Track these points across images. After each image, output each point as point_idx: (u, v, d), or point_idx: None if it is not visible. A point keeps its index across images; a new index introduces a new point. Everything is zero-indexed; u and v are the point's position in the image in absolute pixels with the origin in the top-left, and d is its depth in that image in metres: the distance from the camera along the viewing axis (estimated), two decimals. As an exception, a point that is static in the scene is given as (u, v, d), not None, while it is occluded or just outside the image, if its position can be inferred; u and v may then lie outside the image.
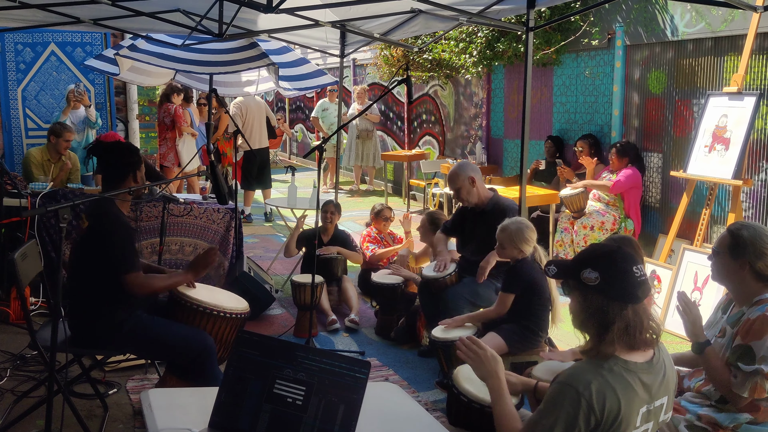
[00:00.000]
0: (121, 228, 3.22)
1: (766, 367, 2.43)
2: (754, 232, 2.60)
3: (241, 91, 8.02)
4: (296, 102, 16.09)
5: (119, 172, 3.32)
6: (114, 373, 4.21)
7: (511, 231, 3.82)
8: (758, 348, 2.45)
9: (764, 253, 2.56)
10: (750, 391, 2.46)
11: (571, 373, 2.04)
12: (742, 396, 2.49)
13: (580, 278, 2.07)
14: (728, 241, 2.63)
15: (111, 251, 3.12)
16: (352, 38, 6.57)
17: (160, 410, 2.10)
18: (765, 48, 5.45)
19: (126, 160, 3.34)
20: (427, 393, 4.18)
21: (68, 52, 7.99)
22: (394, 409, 2.31)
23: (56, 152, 6.16)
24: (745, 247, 2.57)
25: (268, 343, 2.02)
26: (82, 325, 3.25)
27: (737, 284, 2.62)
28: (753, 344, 2.47)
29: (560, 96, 7.81)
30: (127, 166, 3.34)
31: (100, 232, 2.60)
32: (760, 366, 2.43)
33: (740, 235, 2.60)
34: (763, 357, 2.44)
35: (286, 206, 6.74)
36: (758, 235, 2.59)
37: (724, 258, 2.63)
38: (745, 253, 2.57)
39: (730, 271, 2.61)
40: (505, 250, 3.84)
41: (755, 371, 2.44)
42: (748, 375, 2.47)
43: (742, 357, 2.49)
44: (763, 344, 2.44)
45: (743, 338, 2.51)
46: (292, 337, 5.03)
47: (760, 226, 2.67)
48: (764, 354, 2.44)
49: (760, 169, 5.56)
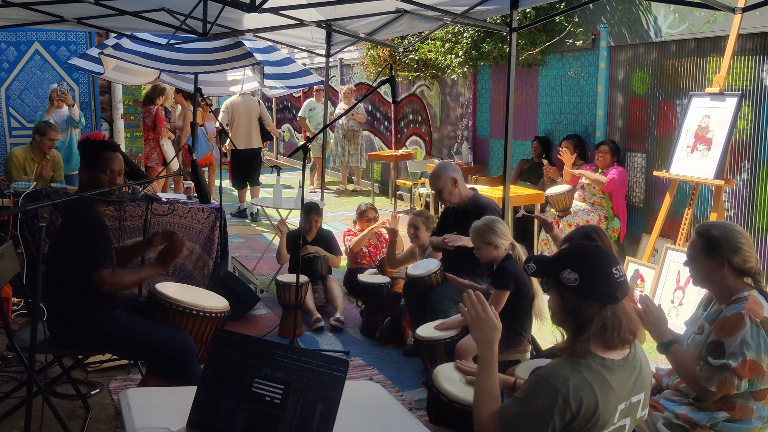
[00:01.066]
0: (91, 225, 3.19)
1: (734, 362, 2.45)
2: (724, 230, 2.63)
3: (226, 91, 8.00)
4: (283, 102, 16.06)
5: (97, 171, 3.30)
6: (97, 374, 4.18)
7: (479, 229, 3.82)
8: (729, 344, 2.48)
9: (739, 248, 2.60)
10: (718, 386, 2.48)
11: (550, 368, 2.05)
12: (710, 390, 2.51)
13: (559, 278, 2.08)
14: (701, 244, 2.65)
15: (81, 248, 3.10)
16: (338, 38, 6.58)
17: (139, 409, 2.09)
18: (747, 49, 5.50)
19: (83, 157, 3.32)
20: (411, 392, 4.18)
21: (52, 51, 7.94)
22: (375, 408, 2.32)
23: (40, 151, 6.13)
24: (719, 245, 2.60)
25: (246, 342, 2.01)
26: (61, 325, 3.23)
27: (718, 284, 2.64)
28: (725, 340, 2.50)
29: (545, 96, 7.85)
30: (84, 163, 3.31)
31: (72, 230, 2.58)
32: (728, 361, 2.46)
33: (712, 235, 2.62)
34: (732, 353, 2.46)
35: (272, 206, 6.73)
36: (729, 231, 2.63)
37: (701, 261, 2.65)
38: (721, 251, 2.59)
39: (710, 271, 2.63)
40: (481, 250, 3.82)
41: (722, 365, 2.47)
42: (715, 369, 2.49)
43: (712, 352, 2.52)
44: (735, 341, 2.47)
45: (716, 334, 2.54)
46: (277, 337, 5.03)
47: (727, 223, 2.71)
48: (734, 350, 2.46)
49: (742, 169, 5.62)
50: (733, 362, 2.45)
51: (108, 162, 3.29)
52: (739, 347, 2.46)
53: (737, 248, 2.59)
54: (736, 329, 2.48)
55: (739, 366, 2.45)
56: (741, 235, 2.63)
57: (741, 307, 2.53)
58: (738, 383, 2.47)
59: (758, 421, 2.56)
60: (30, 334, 2.59)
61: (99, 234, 3.22)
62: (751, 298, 2.56)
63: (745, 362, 2.44)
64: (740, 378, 2.46)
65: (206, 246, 5.62)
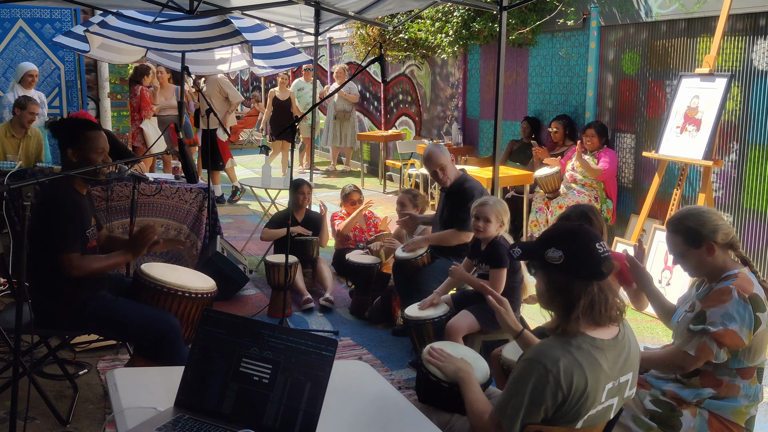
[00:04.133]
0: (62, 206, 3.14)
1: (713, 328, 2.48)
2: (693, 216, 2.65)
3: (214, 69, 7.93)
4: (272, 81, 15.93)
5: (60, 150, 3.26)
6: (84, 354, 4.17)
7: (495, 201, 3.85)
8: (711, 314, 2.51)
9: (716, 226, 2.62)
10: (697, 350, 2.51)
11: (539, 349, 2.06)
12: (688, 353, 2.53)
13: (544, 258, 2.08)
14: (681, 239, 2.66)
15: (50, 230, 3.06)
16: (327, 16, 6.51)
17: (126, 390, 2.08)
18: (737, 29, 5.49)
19: (61, 136, 3.26)
20: (400, 371, 4.20)
21: (37, 28, 7.82)
22: (364, 387, 2.32)
23: (21, 126, 6.00)
24: (699, 231, 2.61)
25: (233, 322, 2.00)
26: (45, 305, 3.20)
27: (711, 265, 2.66)
28: (708, 310, 2.53)
29: (535, 77, 7.82)
30: (62, 143, 3.25)
31: (44, 211, 2.54)
32: (707, 326, 2.49)
33: (688, 226, 2.64)
34: (713, 321, 2.50)
35: (260, 186, 6.69)
36: (699, 215, 2.65)
37: (690, 254, 2.66)
38: (703, 236, 2.61)
39: (702, 258, 2.64)
40: (490, 223, 3.78)
41: (702, 330, 2.50)
42: (694, 334, 2.52)
43: (693, 320, 2.56)
44: (718, 311, 2.50)
45: (701, 306, 2.58)
46: (266, 317, 5.02)
47: (690, 209, 2.72)
48: (714, 319, 2.49)
49: (730, 150, 5.63)
50: (712, 327, 2.49)
51: (97, 141, 3.26)
52: (720, 318, 2.49)
53: (715, 227, 2.61)
54: (721, 301, 2.52)
55: (718, 332, 2.47)
56: (710, 212, 2.67)
57: (730, 282, 2.55)
58: (717, 351, 2.49)
59: (744, 399, 2.59)
60: (15, 315, 2.57)
61: (69, 215, 3.15)
62: (741, 275, 2.58)
63: (726, 331, 2.47)
64: (719, 345, 2.49)
65: (194, 226, 5.59)
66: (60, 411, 3.40)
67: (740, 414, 2.59)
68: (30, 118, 6.00)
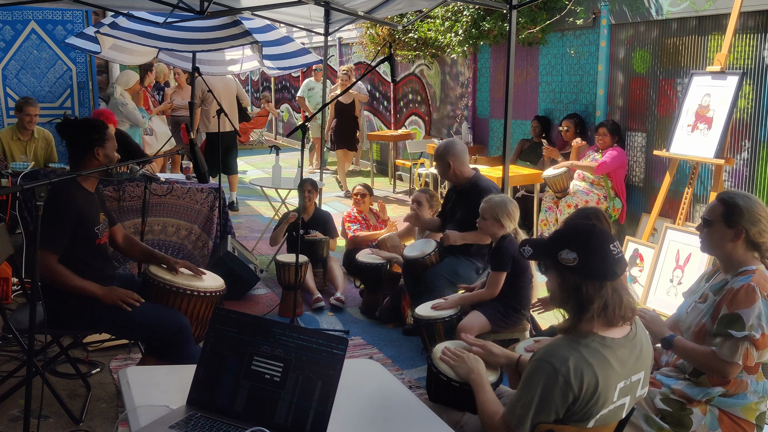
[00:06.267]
0: (59, 206, 3.12)
1: (757, 334, 2.47)
2: (748, 200, 2.64)
3: (225, 70, 7.94)
4: (282, 81, 15.97)
5: (81, 150, 3.28)
6: (97, 353, 4.20)
7: (495, 203, 3.80)
8: (747, 316, 2.49)
9: (759, 220, 2.60)
10: (743, 358, 2.49)
11: (548, 349, 2.05)
12: (734, 363, 2.50)
13: (557, 259, 2.06)
14: (722, 210, 2.64)
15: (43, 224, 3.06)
16: (337, 16, 6.52)
17: (138, 388, 2.10)
18: (748, 27, 5.45)
19: (87, 137, 3.27)
20: (410, 371, 4.20)
21: (49, 30, 7.87)
22: (375, 386, 2.33)
23: (24, 128, 6.01)
24: (741, 215, 2.60)
25: (244, 320, 2.01)
26: (56, 305, 3.22)
27: (729, 252, 2.64)
28: (742, 312, 2.50)
29: (546, 75, 7.80)
30: (88, 144, 3.27)
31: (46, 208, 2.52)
32: (751, 333, 2.47)
33: (735, 203, 2.62)
34: (752, 325, 2.48)
35: (271, 186, 6.71)
36: (752, 202, 2.63)
37: (718, 227, 2.65)
38: (741, 220, 2.60)
39: (724, 239, 2.63)
40: (486, 221, 3.79)
41: (745, 337, 2.48)
42: (738, 341, 2.49)
43: (731, 324, 2.51)
44: (752, 313, 2.48)
45: (729, 307, 2.54)
46: (277, 317, 5.04)
47: (751, 195, 2.71)
48: (753, 323, 2.48)
49: (742, 148, 5.59)
50: (756, 334, 2.47)
51: (114, 140, 3.34)
52: (757, 320, 2.48)
53: (757, 220, 2.60)
54: (751, 301, 2.49)
55: (760, 338, 2.47)
56: (762, 209, 2.64)
57: (749, 279, 2.53)
58: (755, 354, 2.49)
59: (753, 395, 2.58)
60: (29, 315, 2.59)
61: (62, 217, 3.14)
62: (759, 272, 2.57)
63: (764, 335, 2.47)
64: (758, 349, 2.48)
65: (205, 226, 5.61)
66: (73, 410, 3.43)
67: (750, 410, 2.58)
68: (29, 119, 5.99)
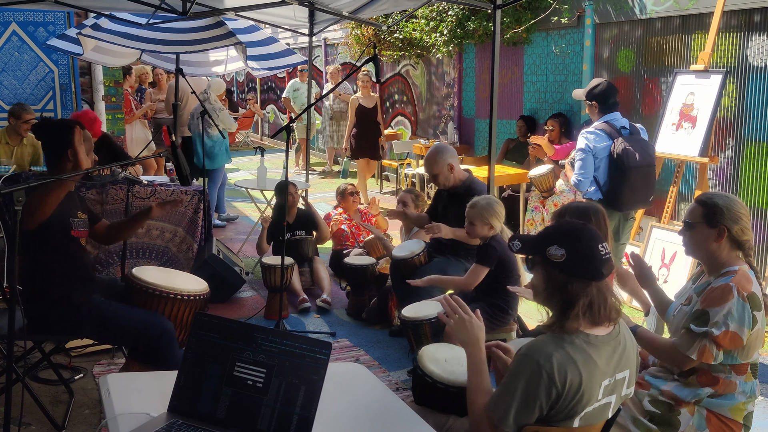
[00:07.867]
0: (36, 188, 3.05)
1: (717, 331, 2.46)
2: (727, 199, 2.64)
3: (209, 71, 7.88)
4: (267, 82, 15.91)
5: (53, 151, 3.21)
6: (80, 359, 4.15)
7: (481, 206, 3.81)
8: (714, 314, 2.49)
9: (740, 217, 2.61)
10: (698, 354, 2.50)
11: (532, 345, 2.04)
12: (689, 357, 2.52)
13: (545, 254, 2.06)
14: (702, 211, 2.64)
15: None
16: (321, 16, 6.49)
17: (119, 395, 2.06)
18: (732, 26, 5.48)
19: (58, 138, 3.19)
20: (397, 372, 4.19)
21: (30, 31, 7.77)
22: (359, 390, 2.30)
23: (16, 134, 5.97)
24: (722, 214, 2.60)
25: (226, 325, 1.98)
26: (37, 310, 3.17)
27: (712, 254, 2.64)
28: (710, 309, 2.51)
29: (531, 75, 7.81)
30: (59, 145, 3.19)
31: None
32: (710, 329, 2.47)
33: (715, 203, 2.62)
34: (716, 322, 2.47)
35: (256, 188, 6.67)
36: (731, 201, 2.64)
37: (700, 228, 2.65)
38: (723, 219, 2.60)
39: (708, 240, 2.63)
40: (475, 227, 3.81)
41: (704, 333, 2.48)
42: (696, 336, 2.50)
43: (696, 320, 2.53)
44: (720, 311, 2.48)
45: (702, 304, 2.55)
46: (263, 320, 5.01)
47: (729, 194, 2.72)
48: (718, 320, 2.47)
49: (726, 147, 5.62)
50: (716, 330, 2.47)
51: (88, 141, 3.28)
52: (723, 317, 2.47)
53: (738, 218, 2.60)
54: (724, 300, 2.49)
55: (720, 335, 2.46)
56: (742, 206, 2.64)
57: (729, 279, 2.53)
58: (716, 353, 2.49)
59: (741, 395, 2.58)
60: (8, 320, 2.54)
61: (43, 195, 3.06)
62: (741, 272, 2.56)
63: (727, 333, 2.46)
64: (719, 347, 2.48)
65: (190, 229, 5.57)
66: (56, 416, 3.38)
67: (738, 410, 2.58)
68: (26, 128, 5.95)
